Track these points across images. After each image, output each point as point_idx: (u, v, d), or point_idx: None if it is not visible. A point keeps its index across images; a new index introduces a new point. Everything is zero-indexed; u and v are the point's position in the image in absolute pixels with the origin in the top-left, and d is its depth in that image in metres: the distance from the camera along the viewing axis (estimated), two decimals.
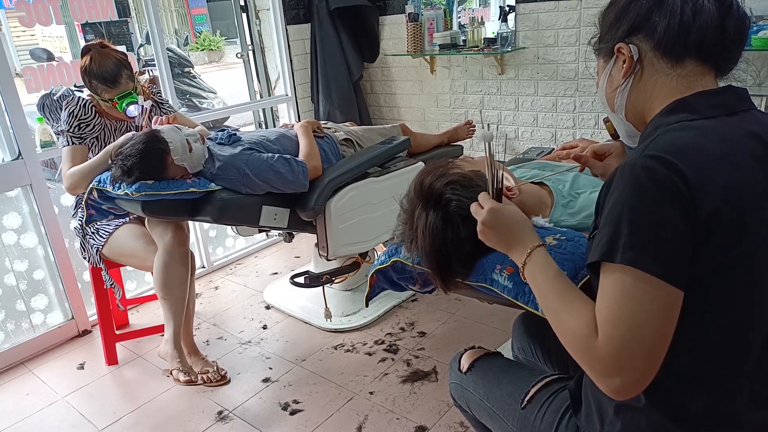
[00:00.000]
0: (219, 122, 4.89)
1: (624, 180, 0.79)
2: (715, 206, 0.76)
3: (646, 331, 0.75)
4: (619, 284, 0.77)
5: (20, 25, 2.39)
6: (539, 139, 3.28)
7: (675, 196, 0.75)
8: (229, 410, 2.06)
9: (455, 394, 1.30)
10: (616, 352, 0.76)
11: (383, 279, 1.40)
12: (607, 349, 0.76)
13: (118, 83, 2.10)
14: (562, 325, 0.85)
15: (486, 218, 0.99)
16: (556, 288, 0.89)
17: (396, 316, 2.59)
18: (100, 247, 2.22)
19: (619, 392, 0.77)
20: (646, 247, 0.75)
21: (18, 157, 2.41)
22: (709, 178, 0.76)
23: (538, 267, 0.93)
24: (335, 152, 2.37)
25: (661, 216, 0.76)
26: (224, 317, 2.75)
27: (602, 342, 0.77)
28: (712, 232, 0.77)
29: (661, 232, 0.75)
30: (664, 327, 0.76)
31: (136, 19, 4.95)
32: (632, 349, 0.75)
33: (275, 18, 3.47)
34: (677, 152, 0.78)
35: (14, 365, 2.47)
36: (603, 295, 0.79)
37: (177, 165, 1.95)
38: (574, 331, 0.82)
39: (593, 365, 0.79)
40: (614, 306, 0.77)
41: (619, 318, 0.76)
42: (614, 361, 0.76)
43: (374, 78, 3.91)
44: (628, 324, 0.75)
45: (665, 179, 0.76)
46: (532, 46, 3.11)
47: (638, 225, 0.76)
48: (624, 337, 0.75)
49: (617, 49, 0.92)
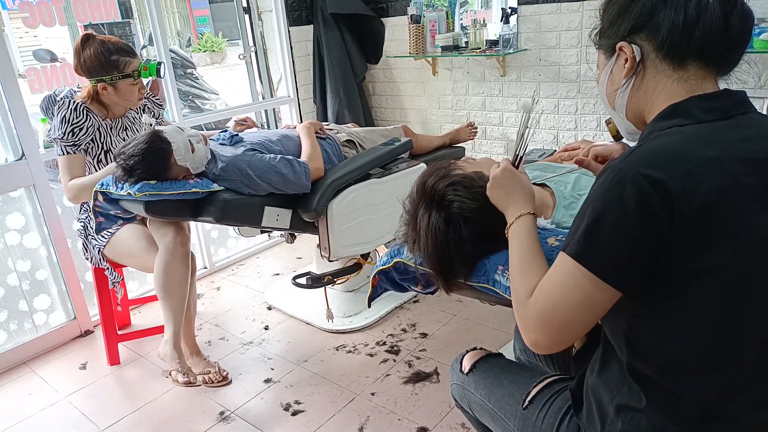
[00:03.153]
0: (221, 123, 4.89)
1: (603, 182, 0.82)
2: (701, 211, 0.76)
3: (566, 312, 0.84)
4: (560, 267, 0.86)
5: (24, 26, 2.41)
6: (541, 141, 3.29)
7: (645, 216, 0.77)
8: (231, 411, 2.06)
9: (457, 395, 1.30)
10: (535, 315, 0.88)
11: (385, 280, 1.40)
12: (530, 310, 0.89)
13: (135, 53, 2.17)
14: (514, 282, 0.96)
15: (497, 174, 1.09)
16: (522, 251, 0.99)
17: (398, 317, 2.59)
18: (102, 247, 2.22)
19: (534, 346, 0.88)
20: (594, 248, 0.81)
21: (21, 157, 2.42)
22: (695, 184, 0.77)
23: (519, 230, 1.02)
24: (337, 153, 2.37)
25: (621, 229, 0.79)
26: (226, 318, 2.75)
27: (532, 303, 0.89)
28: (698, 237, 0.77)
29: (615, 241, 0.79)
30: (584, 315, 0.84)
31: (139, 20, 4.96)
32: (549, 320, 0.86)
33: (277, 19, 3.48)
34: (660, 161, 0.79)
35: (16, 365, 2.48)
36: (550, 271, 0.89)
37: (179, 165, 1.95)
38: (518, 291, 0.93)
39: (518, 318, 0.92)
40: (549, 281, 0.88)
41: (549, 293, 0.87)
42: (532, 322, 0.88)
43: (376, 79, 3.92)
44: (553, 301, 0.86)
45: (641, 199, 0.77)
46: (534, 48, 3.12)
47: (594, 228, 0.81)
48: (545, 308, 0.87)
49: (619, 48, 0.91)
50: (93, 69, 2.11)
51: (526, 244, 0.99)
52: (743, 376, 0.83)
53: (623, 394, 0.90)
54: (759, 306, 0.81)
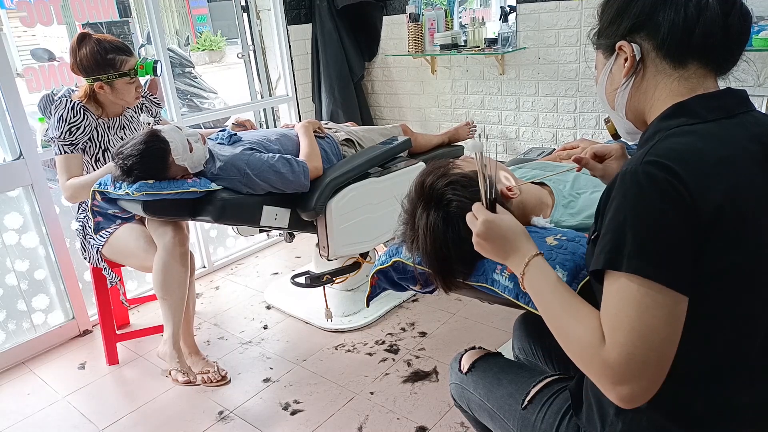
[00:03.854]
0: (220, 122, 4.89)
1: (625, 187, 0.78)
2: (716, 211, 0.76)
3: (655, 338, 0.74)
4: (626, 292, 0.76)
5: (21, 25, 2.40)
6: (540, 140, 3.28)
7: (677, 201, 0.75)
8: (230, 410, 2.06)
9: (456, 395, 1.30)
10: (626, 359, 0.74)
11: (384, 279, 1.40)
12: (617, 357, 0.75)
13: (131, 51, 2.16)
14: (567, 332, 0.84)
15: (480, 230, 0.99)
16: (558, 296, 0.88)
17: (397, 317, 2.59)
18: (101, 247, 2.22)
19: (630, 400, 0.76)
20: (652, 254, 0.75)
21: (19, 157, 2.42)
22: (709, 183, 0.76)
23: (537, 276, 0.93)
24: (336, 152, 2.37)
25: (665, 222, 0.75)
26: (225, 317, 2.75)
27: (611, 349, 0.75)
28: (713, 236, 0.76)
29: (666, 239, 0.75)
30: (673, 333, 0.75)
31: (137, 19, 4.94)
32: (644, 356, 0.74)
33: (276, 18, 3.47)
34: (676, 158, 0.77)
35: (15, 365, 2.48)
36: (609, 303, 0.78)
37: (178, 165, 1.95)
38: (581, 339, 0.80)
39: (603, 373, 0.77)
40: (622, 313, 0.76)
41: (628, 325, 0.75)
42: (625, 369, 0.74)
43: (375, 78, 3.91)
44: (638, 331, 0.74)
45: (666, 185, 0.75)
46: (533, 47, 3.11)
47: (642, 232, 0.75)
48: (634, 344, 0.74)
49: (618, 47, 0.90)
50: (89, 68, 2.11)
51: (555, 288, 0.89)
52: (747, 376, 0.83)
53: None
54: (762, 305, 0.81)
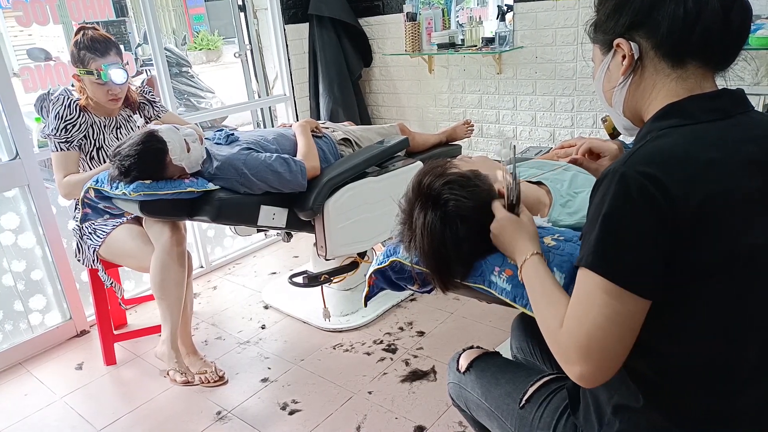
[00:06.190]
0: (217, 122, 4.88)
1: (606, 186, 0.80)
2: (701, 213, 0.76)
3: (599, 333, 0.79)
4: (582, 285, 0.82)
5: (17, 25, 2.39)
6: (537, 139, 3.28)
7: (652, 208, 0.76)
8: (228, 410, 2.06)
9: (454, 394, 1.30)
10: (574, 345, 0.81)
11: (382, 279, 1.40)
12: (566, 341, 0.83)
13: (107, 54, 2.12)
14: (541, 317, 0.92)
15: (494, 226, 1.10)
16: (540, 286, 0.96)
17: (395, 316, 2.59)
18: (97, 247, 2.21)
19: (580, 380, 0.82)
20: (611, 254, 0.78)
21: (15, 157, 2.41)
22: (692, 187, 0.76)
23: (532, 270, 1.00)
24: (333, 152, 2.37)
25: (632, 225, 0.77)
26: (223, 317, 2.74)
27: (563, 334, 0.84)
28: (698, 239, 0.76)
29: (628, 241, 0.78)
30: (619, 331, 0.79)
31: (134, 18, 4.94)
32: (588, 346, 0.80)
33: (273, 17, 3.47)
34: (659, 162, 0.77)
35: (12, 366, 2.47)
36: (573, 293, 0.84)
37: (175, 165, 1.94)
38: (548, 323, 0.89)
39: (557, 352, 0.85)
40: (576, 304, 0.83)
41: (578, 317, 0.82)
42: (572, 353, 0.82)
43: (373, 77, 3.91)
44: (585, 324, 0.80)
45: (642, 189, 0.76)
46: (530, 46, 3.11)
47: (607, 231, 0.78)
48: (579, 333, 0.81)
49: (616, 44, 0.89)
50: (71, 59, 2.14)
51: (542, 279, 0.97)
52: (744, 375, 0.83)
53: (621, 394, 0.90)
54: (761, 305, 0.81)
